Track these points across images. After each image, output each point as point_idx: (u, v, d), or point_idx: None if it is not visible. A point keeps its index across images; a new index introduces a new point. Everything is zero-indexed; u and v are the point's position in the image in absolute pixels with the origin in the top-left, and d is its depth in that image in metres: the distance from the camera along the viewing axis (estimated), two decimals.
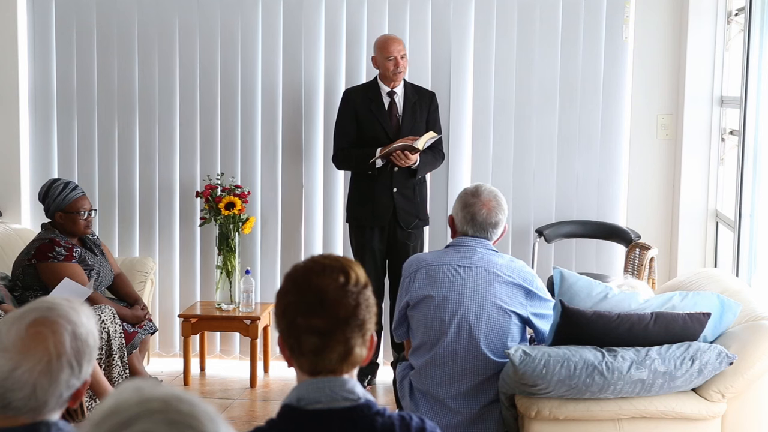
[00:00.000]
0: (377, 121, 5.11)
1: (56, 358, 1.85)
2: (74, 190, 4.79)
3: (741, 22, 5.00)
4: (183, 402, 1.25)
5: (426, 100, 5.21)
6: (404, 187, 5.12)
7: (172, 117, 5.72)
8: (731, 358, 3.28)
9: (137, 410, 1.23)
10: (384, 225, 5.13)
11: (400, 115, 5.15)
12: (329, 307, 1.83)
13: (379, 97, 5.15)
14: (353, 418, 1.84)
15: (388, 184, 5.09)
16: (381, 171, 5.07)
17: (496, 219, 3.57)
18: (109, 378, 4.56)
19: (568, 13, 5.50)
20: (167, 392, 1.27)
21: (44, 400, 1.85)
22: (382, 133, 5.09)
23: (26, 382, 1.83)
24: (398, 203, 5.11)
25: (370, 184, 5.12)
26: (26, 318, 1.87)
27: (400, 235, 5.14)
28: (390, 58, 5.07)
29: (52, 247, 4.67)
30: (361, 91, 5.23)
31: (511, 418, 3.48)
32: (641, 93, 5.49)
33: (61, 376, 1.86)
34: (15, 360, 1.84)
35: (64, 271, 4.62)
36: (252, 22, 5.63)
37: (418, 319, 3.57)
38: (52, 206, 4.77)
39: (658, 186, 5.52)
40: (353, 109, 5.15)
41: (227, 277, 5.44)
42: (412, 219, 5.15)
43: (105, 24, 5.70)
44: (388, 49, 5.08)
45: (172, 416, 1.22)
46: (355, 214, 5.22)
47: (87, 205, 4.81)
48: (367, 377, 5.22)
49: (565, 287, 3.47)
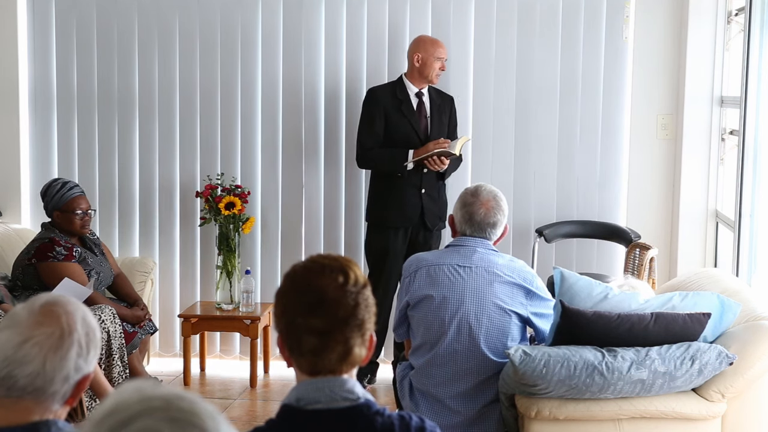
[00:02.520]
0: (408, 122, 5.09)
1: (68, 334, 1.86)
2: (71, 190, 4.80)
3: (741, 22, 5.00)
4: (184, 400, 1.25)
5: (447, 103, 5.23)
6: (431, 188, 5.11)
7: (172, 117, 5.72)
8: (731, 358, 3.28)
9: (138, 408, 1.23)
10: (410, 226, 5.13)
11: (429, 117, 5.14)
12: (328, 307, 1.83)
13: (408, 97, 5.13)
14: (353, 418, 1.84)
15: (418, 185, 5.07)
16: (411, 172, 5.06)
17: (494, 219, 3.57)
18: (109, 378, 4.56)
19: (568, 13, 5.50)
20: (168, 391, 1.27)
21: (51, 377, 1.84)
22: (413, 133, 5.07)
23: (36, 355, 1.83)
24: (426, 204, 5.10)
25: (398, 185, 5.08)
26: (38, 301, 1.90)
27: (422, 236, 5.13)
28: (440, 58, 5.07)
29: (52, 247, 4.67)
30: (388, 90, 5.17)
31: (511, 418, 3.48)
32: (641, 93, 5.49)
33: (71, 353, 1.86)
34: (25, 334, 1.84)
35: (64, 270, 4.62)
36: (252, 22, 5.63)
37: (419, 319, 3.57)
38: (50, 205, 4.78)
39: (658, 186, 5.52)
40: (382, 109, 5.11)
41: (227, 277, 5.44)
42: (436, 220, 5.16)
43: (105, 24, 5.70)
44: (440, 50, 5.08)
45: (174, 414, 1.22)
46: (380, 215, 5.17)
47: (84, 205, 4.81)
48: (367, 377, 5.22)
49: (566, 287, 3.47)
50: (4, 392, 1.84)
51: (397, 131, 5.09)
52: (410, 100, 5.13)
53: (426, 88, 5.16)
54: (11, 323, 1.86)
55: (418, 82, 5.12)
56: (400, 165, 5.01)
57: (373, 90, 5.23)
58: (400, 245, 5.13)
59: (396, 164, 5.03)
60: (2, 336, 1.85)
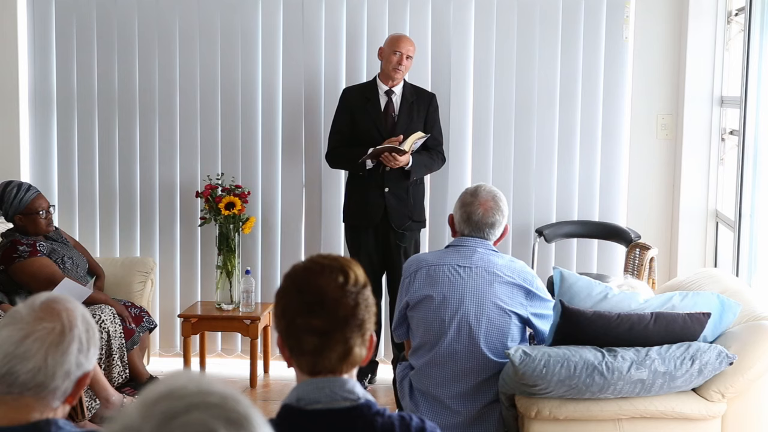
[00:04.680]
0: (372, 120, 5.10)
1: (69, 329, 1.87)
2: (29, 191, 4.78)
3: (741, 22, 5.00)
4: (240, 403, 1.22)
5: (425, 101, 5.19)
6: (397, 187, 5.09)
7: (172, 117, 5.72)
8: (731, 358, 3.28)
9: (195, 400, 1.19)
10: (376, 225, 5.12)
11: (396, 115, 5.14)
12: (328, 307, 1.83)
13: (376, 96, 5.15)
14: (353, 418, 1.84)
15: (380, 184, 5.07)
16: (373, 171, 5.05)
17: (492, 219, 3.56)
18: (109, 378, 4.56)
19: (568, 13, 5.50)
20: (224, 389, 1.23)
21: (53, 372, 1.84)
22: (376, 132, 5.07)
23: (37, 350, 1.83)
24: (390, 204, 5.08)
25: (362, 185, 5.11)
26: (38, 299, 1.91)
27: (392, 236, 5.12)
28: (397, 52, 5.05)
29: (15, 248, 4.67)
30: (359, 89, 5.22)
31: (511, 418, 3.48)
32: (641, 93, 5.49)
33: (72, 348, 1.86)
34: (26, 329, 1.85)
35: (34, 266, 4.62)
36: (252, 22, 5.63)
37: (418, 320, 3.56)
38: (10, 210, 4.74)
39: (658, 186, 5.52)
40: (349, 108, 5.15)
41: (227, 277, 5.44)
42: (404, 220, 5.12)
43: (105, 24, 5.70)
44: (399, 43, 5.07)
45: (230, 414, 1.19)
46: (350, 214, 5.22)
47: (45, 204, 4.81)
48: (367, 377, 5.22)
49: (565, 287, 3.47)
50: (5, 389, 1.84)
51: (361, 130, 5.10)
52: (378, 98, 5.13)
53: (399, 86, 5.15)
54: (12, 320, 1.87)
55: (385, 79, 5.13)
56: (358, 163, 5.01)
57: (345, 89, 5.29)
58: (371, 245, 5.14)
59: (355, 163, 5.04)
60: (3, 333, 1.86)
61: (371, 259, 5.12)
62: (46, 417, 1.86)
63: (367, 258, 5.11)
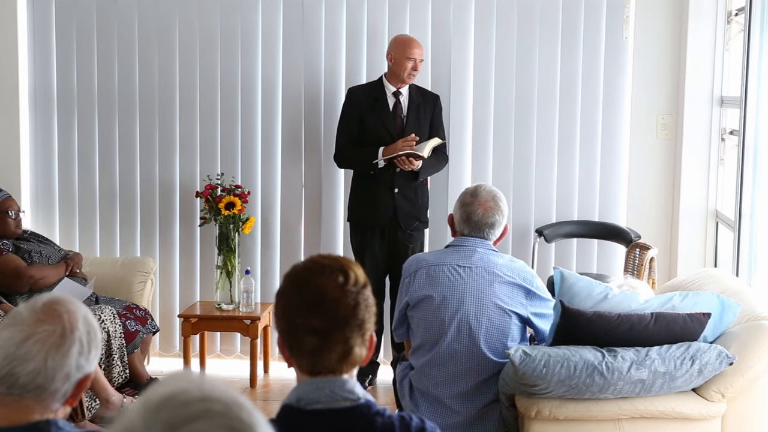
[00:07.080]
0: (381, 120, 5.11)
1: (69, 332, 1.87)
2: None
3: (741, 22, 5.00)
4: (243, 410, 1.20)
5: (430, 102, 5.21)
6: (406, 188, 5.11)
7: (172, 117, 5.72)
8: (731, 358, 3.28)
9: (199, 408, 1.17)
10: (384, 226, 5.12)
11: (405, 116, 5.14)
12: (328, 307, 1.83)
13: (384, 96, 5.15)
14: (353, 419, 1.84)
15: (390, 185, 5.08)
16: (382, 172, 5.06)
17: (492, 220, 3.56)
18: (109, 378, 4.56)
19: (568, 13, 5.50)
20: (228, 395, 1.21)
21: (53, 375, 1.84)
22: (386, 132, 5.08)
23: (37, 352, 1.83)
24: (399, 204, 5.10)
25: (371, 185, 5.11)
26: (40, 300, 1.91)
27: (400, 237, 5.13)
28: (411, 58, 5.06)
29: None
30: (366, 90, 5.21)
31: (511, 418, 3.48)
32: (641, 93, 5.49)
33: (72, 351, 1.86)
34: (27, 331, 1.85)
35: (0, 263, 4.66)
36: (252, 22, 5.63)
37: (418, 320, 3.56)
38: None
39: (658, 186, 5.52)
40: (357, 108, 5.15)
41: (227, 277, 5.44)
42: (412, 221, 5.14)
43: (105, 24, 5.70)
44: (412, 49, 5.07)
45: (233, 423, 1.17)
46: (356, 214, 5.22)
47: (15, 206, 4.86)
48: (367, 377, 5.22)
49: (566, 287, 3.47)
50: (5, 390, 1.84)
51: (370, 130, 5.10)
52: (386, 99, 5.14)
53: (405, 87, 5.16)
54: (13, 321, 1.87)
55: (395, 81, 5.13)
56: (370, 163, 5.01)
57: (351, 89, 5.28)
58: (377, 245, 5.14)
59: (366, 163, 5.04)
60: (4, 334, 1.85)
61: (376, 259, 5.12)
62: (46, 418, 1.86)
63: (371, 258, 5.10)
